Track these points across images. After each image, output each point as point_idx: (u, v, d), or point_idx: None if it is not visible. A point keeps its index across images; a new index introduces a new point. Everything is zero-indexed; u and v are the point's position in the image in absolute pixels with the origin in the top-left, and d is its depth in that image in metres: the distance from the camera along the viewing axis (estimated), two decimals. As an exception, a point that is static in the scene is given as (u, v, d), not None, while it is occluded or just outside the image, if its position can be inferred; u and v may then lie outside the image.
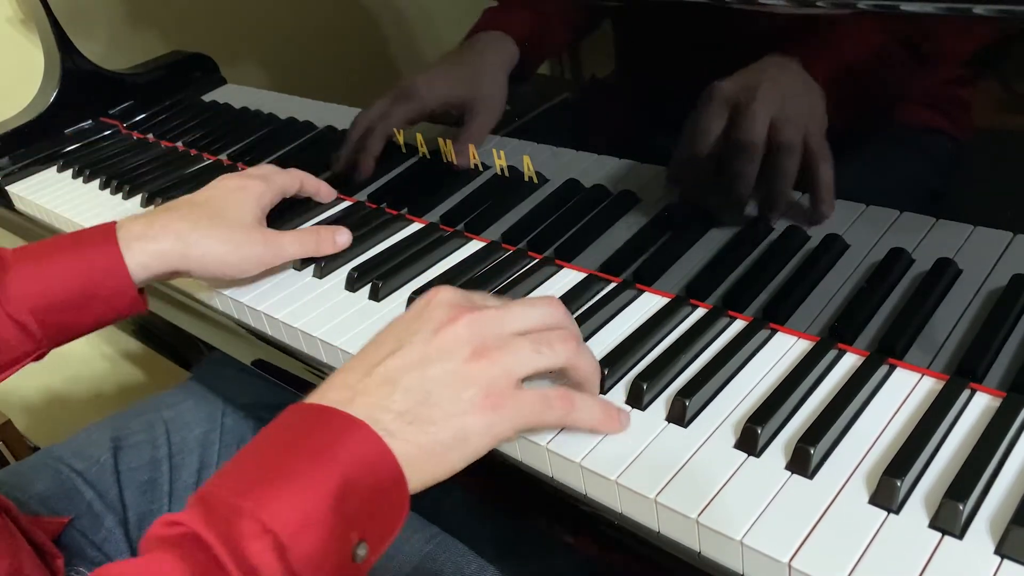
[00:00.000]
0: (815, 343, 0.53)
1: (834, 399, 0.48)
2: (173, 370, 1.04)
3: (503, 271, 0.68)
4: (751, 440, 0.47)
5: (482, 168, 0.72)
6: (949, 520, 0.40)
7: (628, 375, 0.54)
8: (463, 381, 0.45)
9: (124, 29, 1.05)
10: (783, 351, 0.54)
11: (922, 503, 0.42)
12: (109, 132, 1.15)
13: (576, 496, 0.49)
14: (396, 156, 0.79)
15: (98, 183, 1.00)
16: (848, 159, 0.50)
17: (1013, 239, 0.47)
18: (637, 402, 0.51)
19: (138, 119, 1.15)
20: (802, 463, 0.45)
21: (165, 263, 0.65)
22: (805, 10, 0.48)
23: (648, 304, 0.61)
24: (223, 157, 1.00)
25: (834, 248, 0.54)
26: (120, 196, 0.96)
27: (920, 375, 0.50)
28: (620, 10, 0.58)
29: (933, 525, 0.41)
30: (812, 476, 0.45)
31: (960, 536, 0.40)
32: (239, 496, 0.40)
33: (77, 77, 1.13)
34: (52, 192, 1.01)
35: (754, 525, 0.42)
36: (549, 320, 0.49)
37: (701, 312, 0.59)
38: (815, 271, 0.55)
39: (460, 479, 0.45)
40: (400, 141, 0.78)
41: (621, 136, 0.64)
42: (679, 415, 0.49)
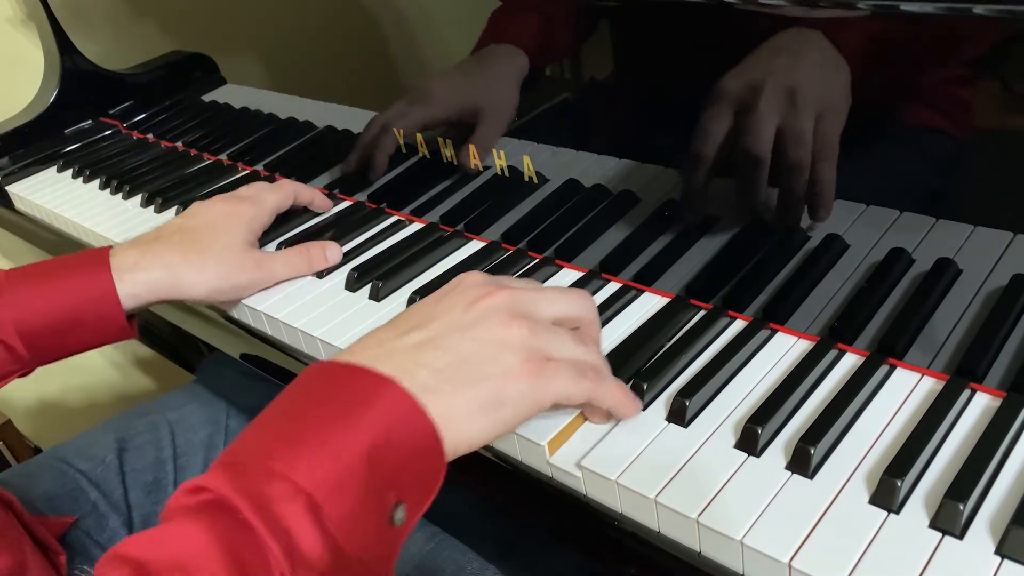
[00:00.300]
0: (815, 343, 0.53)
1: (834, 399, 0.48)
2: (173, 370, 1.04)
3: (503, 271, 0.68)
4: (751, 440, 0.47)
5: (482, 168, 0.72)
6: (949, 520, 0.40)
7: (628, 375, 0.54)
8: (502, 344, 0.44)
9: (124, 29, 1.05)
10: (783, 351, 0.54)
11: (922, 503, 0.42)
12: (109, 132, 1.15)
13: (576, 496, 0.49)
14: (396, 156, 0.79)
15: (98, 183, 1.00)
16: (848, 159, 0.50)
17: (1013, 239, 0.47)
18: (637, 402, 0.51)
19: (138, 119, 1.15)
20: (802, 463, 0.45)
21: (155, 293, 0.66)
22: (805, 10, 0.48)
23: (648, 304, 0.61)
24: (223, 157, 1.00)
25: (834, 248, 0.54)
26: (120, 196, 0.96)
27: (920, 375, 0.50)
28: (620, 10, 0.58)
29: (933, 525, 0.41)
30: (812, 476, 0.45)
31: (960, 536, 0.40)
32: (267, 458, 0.38)
33: (77, 77, 1.13)
34: (52, 192, 1.01)
35: (754, 525, 0.42)
36: (578, 311, 0.49)
37: (701, 312, 0.59)
38: (815, 271, 0.55)
39: (460, 479, 0.45)
40: (400, 141, 0.78)
41: (621, 136, 0.64)
42: (679, 415, 0.50)
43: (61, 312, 0.63)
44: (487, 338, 0.44)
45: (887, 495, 0.42)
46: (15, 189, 1.04)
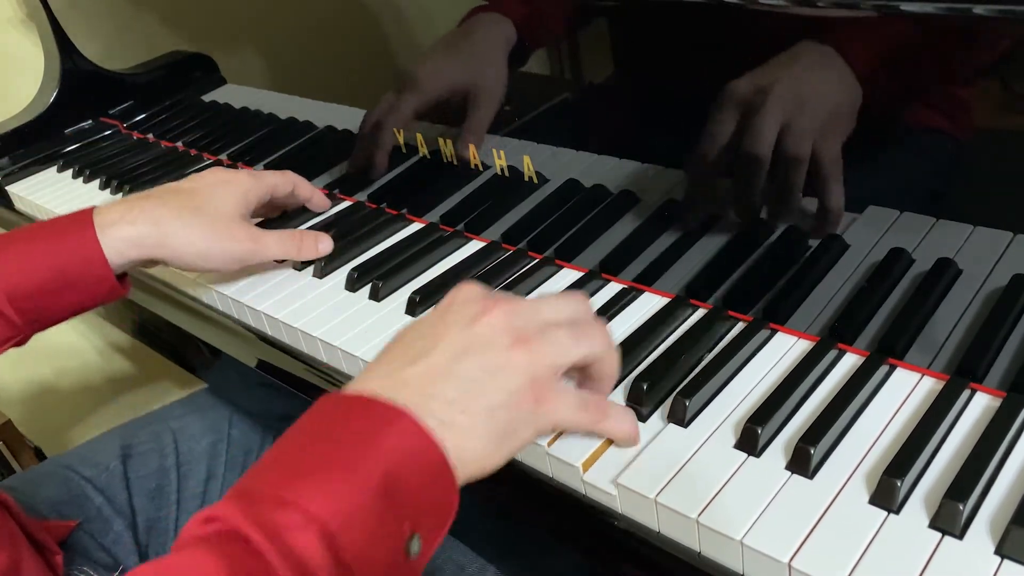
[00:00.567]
0: (815, 343, 0.53)
1: (834, 399, 0.48)
2: (173, 369, 1.04)
3: (503, 271, 0.68)
4: (751, 440, 0.47)
5: (482, 168, 0.72)
6: (949, 520, 0.40)
7: (628, 375, 0.54)
8: (509, 371, 0.43)
9: (124, 29, 1.05)
10: (783, 351, 0.54)
11: (922, 503, 0.42)
12: (109, 132, 1.15)
13: (575, 496, 0.49)
14: (396, 156, 0.79)
15: (98, 183, 1.00)
16: (848, 159, 0.50)
17: (1013, 239, 0.47)
18: (637, 402, 0.51)
19: (138, 119, 1.15)
20: (802, 463, 0.45)
21: (141, 250, 0.64)
22: (804, 10, 0.48)
23: (648, 304, 0.61)
24: (223, 157, 1.00)
25: (834, 248, 0.54)
26: (120, 196, 0.96)
27: (920, 375, 0.50)
28: (620, 10, 0.58)
29: (933, 525, 0.41)
30: (812, 476, 0.45)
31: (960, 536, 0.40)
32: (280, 488, 0.38)
33: (77, 77, 1.13)
34: (52, 192, 1.01)
35: (754, 525, 0.42)
36: (578, 314, 0.48)
37: (701, 312, 0.59)
38: (815, 271, 0.55)
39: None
40: (400, 141, 0.78)
41: (621, 136, 0.64)
42: (679, 415, 0.50)
43: (48, 274, 0.62)
44: (493, 363, 0.43)
45: (887, 495, 0.42)
46: (15, 189, 1.04)
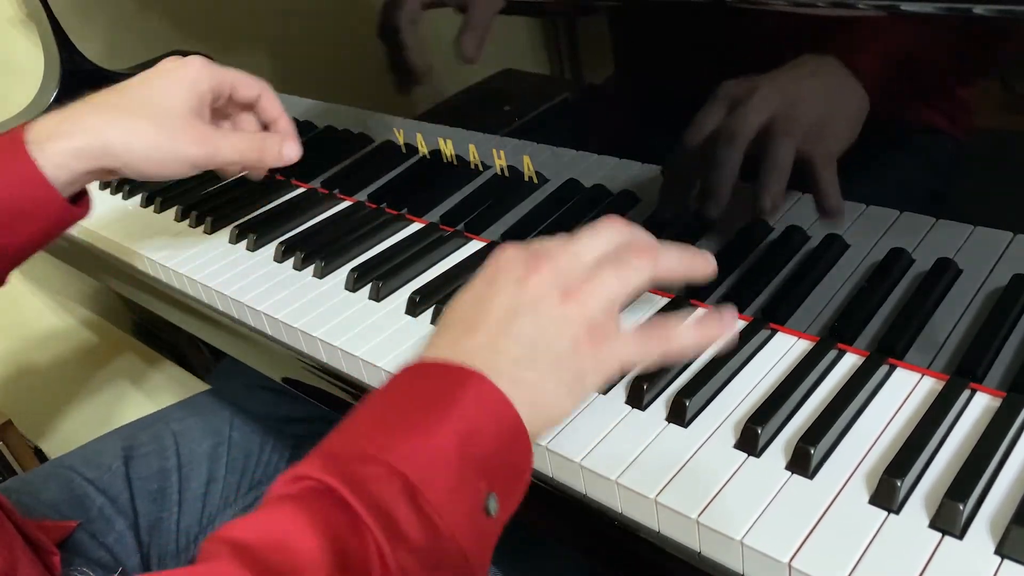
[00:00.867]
0: (815, 343, 0.53)
1: (834, 399, 0.48)
2: (173, 370, 1.04)
3: (503, 271, 0.68)
4: (751, 440, 0.47)
5: (482, 168, 0.72)
6: (949, 520, 0.40)
7: (628, 376, 0.54)
8: (565, 323, 0.44)
9: (124, 29, 1.05)
10: (783, 351, 0.54)
11: (922, 503, 0.42)
12: (109, 132, 1.15)
13: (576, 496, 0.49)
14: (396, 156, 0.79)
15: (98, 183, 1.00)
16: (848, 159, 0.50)
17: (1013, 239, 0.47)
18: (637, 402, 0.51)
19: (138, 119, 1.14)
20: (802, 463, 0.45)
21: (85, 162, 0.59)
22: (804, 10, 0.48)
23: (648, 305, 0.61)
24: (223, 157, 1.00)
25: (834, 248, 0.54)
26: (120, 196, 0.96)
27: (920, 375, 0.50)
28: (620, 10, 0.58)
29: (933, 525, 0.41)
30: (812, 476, 0.45)
31: (960, 536, 0.40)
32: (364, 445, 0.39)
33: (77, 77, 1.13)
34: (52, 192, 1.01)
35: (754, 525, 0.42)
36: (617, 240, 0.48)
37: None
38: (815, 271, 0.55)
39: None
40: (400, 141, 0.78)
41: (621, 136, 0.64)
42: (679, 415, 0.50)
43: None
44: (549, 318, 0.44)
45: (887, 495, 0.42)
46: (15, 189, 1.04)
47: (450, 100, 0.72)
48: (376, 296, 0.68)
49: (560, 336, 0.44)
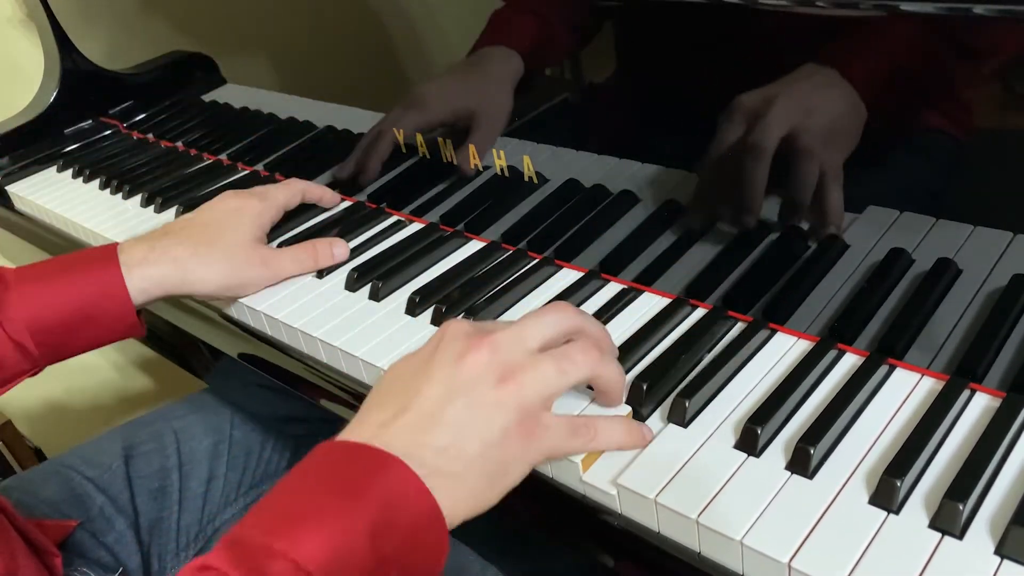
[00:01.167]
0: (815, 343, 0.53)
1: (834, 399, 0.48)
2: (173, 370, 1.04)
3: (503, 271, 0.68)
4: (751, 440, 0.47)
5: (482, 168, 0.72)
6: (949, 520, 0.40)
7: (629, 376, 0.54)
8: (496, 409, 0.44)
9: (124, 29, 1.05)
10: (783, 351, 0.54)
11: (922, 503, 0.42)
12: (109, 132, 1.15)
13: (576, 496, 0.49)
14: (396, 156, 0.79)
15: (98, 183, 1.00)
16: (849, 159, 0.50)
17: (1013, 239, 0.47)
18: (637, 403, 0.51)
19: (138, 119, 1.14)
20: (802, 463, 0.45)
21: (163, 288, 0.67)
22: (804, 10, 0.48)
23: (648, 304, 0.61)
24: (223, 157, 1.00)
25: (834, 248, 0.54)
26: (120, 196, 0.96)
27: (920, 375, 0.50)
28: (621, 10, 0.58)
29: (933, 525, 0.41)
30: (812, 476, 0.45)
31: (960, 536, 0.40)
32: (270, 536, 0.39)
33: (77, 77, 1.13)
34: (52, 192, 1.01)
35: (754, 525, 0.42)
36: (564, 326, 0.48)
37: (701, 312, 0.59)
38: (815, 271, 0.55)
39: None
40: (400, 141, 0.78)
41: (621, 136, 0.64)
42: (679, 415, 0.50)
43: (72, 309, 0.63)
44: (481, 403, 0.44)
45: (887, 495, 0.42)
46: (15, 189, 1.04)
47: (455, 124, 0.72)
48: (376, 296, 0.68)
49: (491, 423, 0.43)
